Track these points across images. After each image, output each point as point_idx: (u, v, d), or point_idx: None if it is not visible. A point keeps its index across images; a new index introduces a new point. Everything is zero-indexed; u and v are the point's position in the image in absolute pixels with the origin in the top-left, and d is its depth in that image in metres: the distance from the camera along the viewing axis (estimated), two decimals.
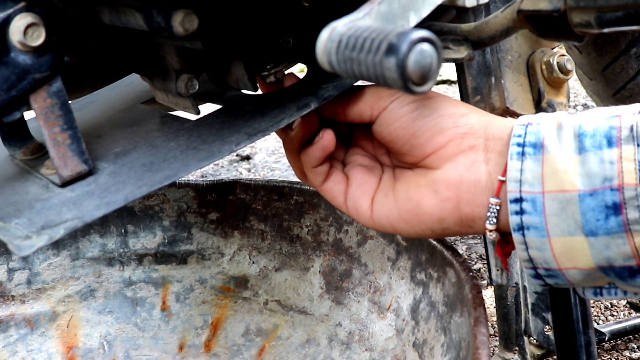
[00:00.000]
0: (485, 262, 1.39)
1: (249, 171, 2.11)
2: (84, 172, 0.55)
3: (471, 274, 0.68)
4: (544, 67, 0.77)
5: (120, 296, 1.00)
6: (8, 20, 0.48)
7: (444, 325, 0.73)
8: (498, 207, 0.53)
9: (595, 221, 0.48)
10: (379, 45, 0.38)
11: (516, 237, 0.52)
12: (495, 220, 0.54)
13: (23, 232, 0.48)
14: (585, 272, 0.51)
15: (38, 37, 0.50)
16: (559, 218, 0.49)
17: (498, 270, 0.93)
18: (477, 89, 0.78)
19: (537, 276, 0.54)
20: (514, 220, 0.51)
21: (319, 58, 0.42)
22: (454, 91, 2.89)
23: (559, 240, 0.50)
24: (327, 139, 0.61)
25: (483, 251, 1.44)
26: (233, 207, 1.00)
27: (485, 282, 1.35)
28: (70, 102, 0.84)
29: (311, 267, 0.96)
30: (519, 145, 0.52)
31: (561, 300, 0.83)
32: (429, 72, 0.38)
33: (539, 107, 0.77)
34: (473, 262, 1.42)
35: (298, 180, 0.97)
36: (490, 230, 0.55)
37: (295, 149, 0.63)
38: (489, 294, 1.27)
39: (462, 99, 0.81)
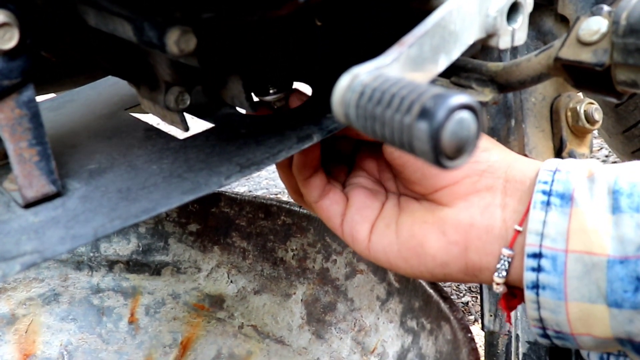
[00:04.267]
0: (474, 294, 1.34)
1: None
2: (51, 194, 0.49)
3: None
4: (569, 114, 0.71)
5: (85, 303, 0.95)
6: None
7: None
8: (510, 260, 0.48)
9: (623, 292, 0.43)
10: (411, 106, 0.31)
11: (529, 295, 0.47)
12: (505, 273, 0.49)
13: None
14: (599, 340, 0.46)
15: (10, 39, 0.43)
16: (581, 282, 0.45)
17: (491, 316, 0.87)
18: (494, 130, 0.71)
19: (545, 336, 0.49)
20: (528, 277, 0.47)
21: (334, 108, 0.35)
22: None
23: (577, 305, 0.45)
24: None
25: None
26: (215, 221, 0.95)
27: (472, 317, 1.30)
28: (48, 97, 0.77)
29: (293, 294, 0.90)
30: (544, 193, 0.47)
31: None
32: (465, 144, 0.31)
33: (559, 157, 0.71)
34: (462, 294, 1.37)
35: (287, 200, 0.91)
36: (498, 284, 0.50)
37: (287, 161, 0.59)
38: (475, 331, 1.22)
39: None
